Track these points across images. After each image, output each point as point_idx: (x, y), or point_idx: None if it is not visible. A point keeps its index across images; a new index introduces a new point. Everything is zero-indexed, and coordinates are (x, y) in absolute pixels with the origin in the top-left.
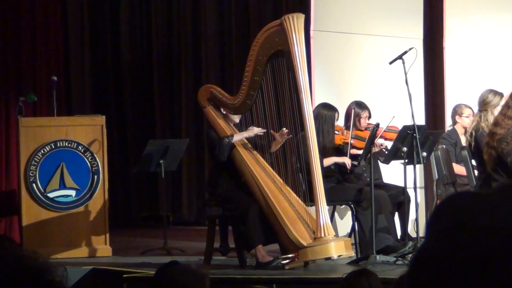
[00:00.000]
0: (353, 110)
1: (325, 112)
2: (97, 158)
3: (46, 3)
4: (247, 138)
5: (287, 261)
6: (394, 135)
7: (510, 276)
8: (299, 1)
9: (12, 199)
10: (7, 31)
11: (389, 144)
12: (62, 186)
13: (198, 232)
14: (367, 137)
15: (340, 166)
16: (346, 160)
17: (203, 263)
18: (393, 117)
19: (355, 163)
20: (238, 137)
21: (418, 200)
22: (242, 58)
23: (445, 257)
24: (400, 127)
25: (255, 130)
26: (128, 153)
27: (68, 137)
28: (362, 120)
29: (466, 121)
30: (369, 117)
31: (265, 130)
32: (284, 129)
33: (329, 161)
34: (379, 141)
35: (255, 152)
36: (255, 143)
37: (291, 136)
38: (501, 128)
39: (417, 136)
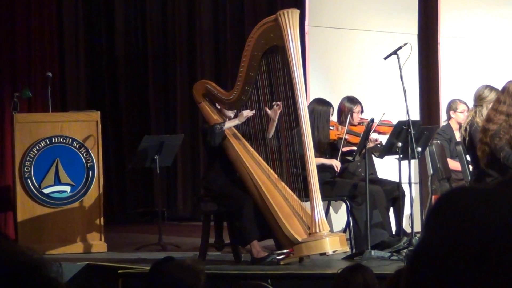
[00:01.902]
0: (345, 106)
1: (320, 107)
2: (92, 154)
3: None
4: (241, 132)
5: (282, 256)
6: (388, 129)
7: (508, 271)
8: None
9: (7, 195)
10: (1, 27)
11: (382, 138)
12: (57, 182)
13: (193, 227)
14: (362, 133)
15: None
16: (334, 163)
17: (198, 259)
18: (383, 114)
19: (350, 158)
20: (230, 124)
21: (413, 195)
22: (237, 53)
23: (444, 252)
24: (393, 121)
25: (244, 114)
26: (123, 149)
27: (63, 133)
28: (355, 115)
29: (461, 116)
30: (362, 111)
31: (254, 112)
32: (276, 102)
33: (316, 161)
34: (373, 136)
35: (250, 147)
36: (249, 137)
37: (281, 109)
38: (493, 123)
39: (412, 132)
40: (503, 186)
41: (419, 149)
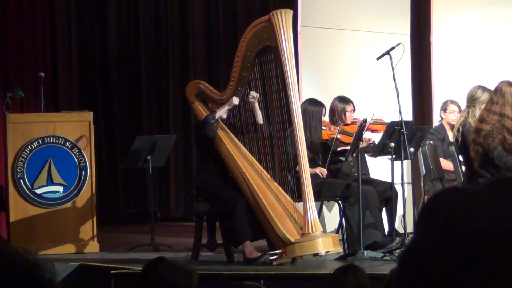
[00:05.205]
0: (337, 106)
1: (312, 107)
2: (84, 154)
3: None
4: (234, 133)
5: (275, 257)
6: (380, 127)
7: (499, 273)
8: None
9: (0, 195)
10: None
11: (375, 136)
12: (50, 182)
13: (186, 228)
14: (355, 133)
15: (327, 160)
16: (319, 170)
17: (190, 259)
18: (373, 114)
19: (343, 158)
20: (220, 111)
21: (406, 195)
22: (229, 54)
23: (435, 253)
24: (385, 120)
25: (234, 100)
26: (116, 149)
27: (55, 133)
28: (348, 114)
29: (450, 117)
30: (354, 110)
31: (238, 101)
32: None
33: None
34: (366, 136)
35: (243, 147)
36: (241, 131)
37: (257, 94)
38: (486, 124)
39: (405, 132)
40: (494, 186)
41: (412, 149)
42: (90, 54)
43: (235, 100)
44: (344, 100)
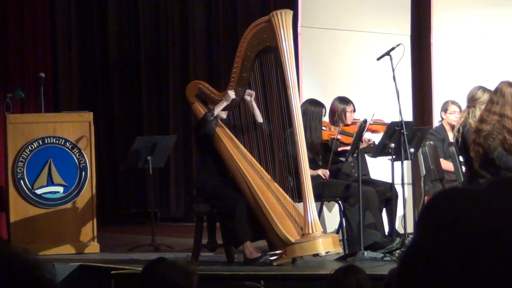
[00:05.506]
0: (338, 107)
1: (313, 108)
2: (84, 155)
3: None
4: (234, 133)
5: (275, 257)
6: (380, 127)
7: (500, 273)
8: None
9: (0, 196)
10: None
11: (375, 137)
12: (50, 182)
13: (186, 228)
14: (355, 133)
15: (328, 161)
16: (320, 172)
17: (190, 260)
18: (373, 114)
19: (343, 159)
20: (219, 108)
21: (406, 196)
22: (230, 54)
23: (435, 253)
24: (385, 120)
25: (231, 94)
26: (116, 150)
27: (55, 133)
28: (348, 115)
29: (450, 117)
30: (354, 110)
31: (234, 94)
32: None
33: None
34: (366, 136)
35: (243, 148)
36: (241, 131)
37: (254, 92)
38: (486, 124)
39: (405, 132)
40: (494, 187)
41: (412, 150)
42: (90, 54)
43: (232, 94)
44: (344, 100)
